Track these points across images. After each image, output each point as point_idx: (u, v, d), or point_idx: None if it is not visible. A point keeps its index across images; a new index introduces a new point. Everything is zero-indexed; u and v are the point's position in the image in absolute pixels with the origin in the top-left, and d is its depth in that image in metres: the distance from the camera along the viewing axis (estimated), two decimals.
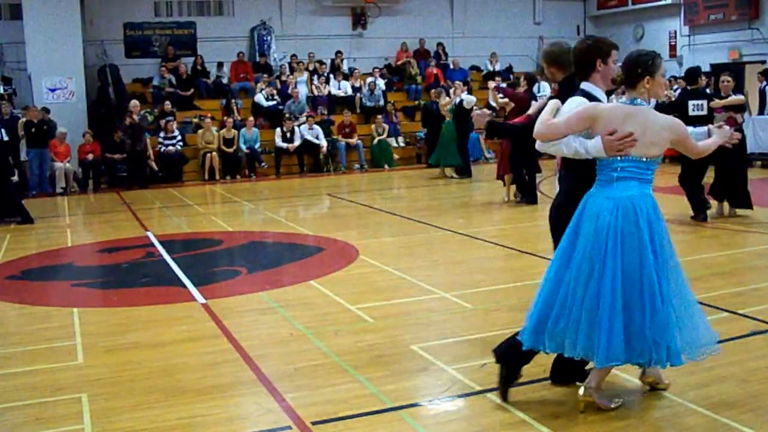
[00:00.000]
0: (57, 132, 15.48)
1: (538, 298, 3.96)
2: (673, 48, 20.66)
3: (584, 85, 4.09)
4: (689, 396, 4.10)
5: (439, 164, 15.59)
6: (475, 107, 12.95)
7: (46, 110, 15.50)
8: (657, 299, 3.73)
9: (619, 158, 3.81)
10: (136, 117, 15.61)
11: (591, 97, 4.01)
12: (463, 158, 15.45)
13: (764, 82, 15.86)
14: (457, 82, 17.32)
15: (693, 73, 10.06)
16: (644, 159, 3.83)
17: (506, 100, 11.69)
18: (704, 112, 9.35)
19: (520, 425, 3.87)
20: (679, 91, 16.73)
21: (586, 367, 4.08)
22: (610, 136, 3.77)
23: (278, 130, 17.24)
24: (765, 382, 4.29)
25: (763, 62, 17.46)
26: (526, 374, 4.50)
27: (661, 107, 10.96)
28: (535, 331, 3.89)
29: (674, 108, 9.37)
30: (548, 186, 12.88)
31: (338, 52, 20.27)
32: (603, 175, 3.89)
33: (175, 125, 16.69)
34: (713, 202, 9.96)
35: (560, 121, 3.89)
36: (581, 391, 3.96)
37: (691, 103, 9.49)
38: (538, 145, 4.04)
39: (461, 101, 15.08)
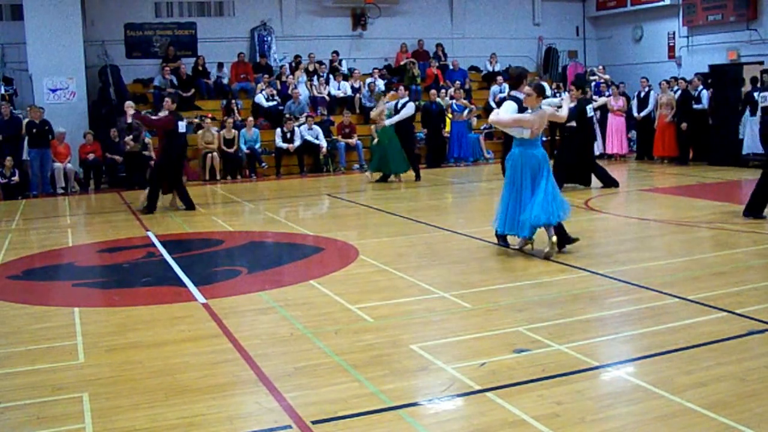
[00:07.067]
0: (56, 132, 15.49)
1: None
2: (671, 49, 20.68)
3: None
4: (687, 395, 4.12)
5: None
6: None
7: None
8: None
9: None
10: (129, 119, 15.58)
11: None
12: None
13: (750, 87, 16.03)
14: None
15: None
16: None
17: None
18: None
19: (520, 425, 3.88)
20: (679, 92, 16.82)
21: None
22: None
23: (278, 130, 17.26)
24: (763, 382, 4.31)
25: (761, 63, 17.47)
26: (526, 374, 4.53)
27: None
28: None
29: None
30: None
31: (334, 53, 20.29)
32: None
33: None
34: None
35: None
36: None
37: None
38: None
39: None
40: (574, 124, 12.67)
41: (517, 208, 7.72)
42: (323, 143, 17.46)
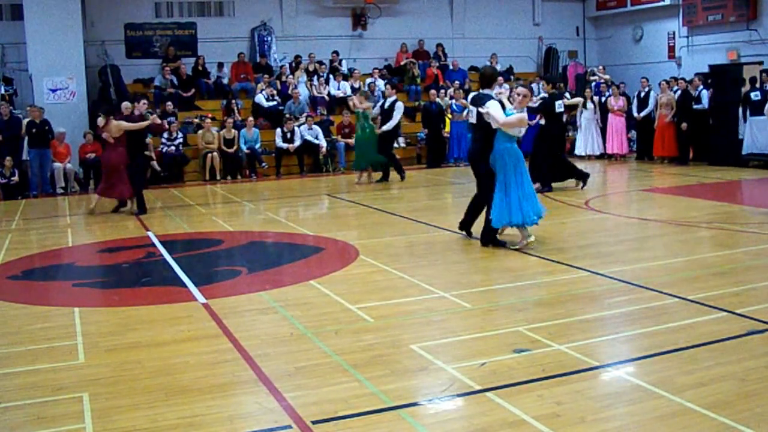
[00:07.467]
0: (56, 132, 15.48)
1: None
2: (671, 49, 20.68)
3: None
4: (687, 395, 4.12)
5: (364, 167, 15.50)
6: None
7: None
8: None
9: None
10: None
11: None
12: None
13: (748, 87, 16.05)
14: None
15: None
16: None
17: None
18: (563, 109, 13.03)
19: (520, 425, 3.88)
20: (679, 92, 16.83)
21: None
22: None
23: (278, 130, 17.26)
24: (763, 382, 4.31)
25: (761, 63, 17.48)
26: (526, 374, 4.53)
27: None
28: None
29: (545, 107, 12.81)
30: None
31: (335, 53, 20.29)
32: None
33: (176, 126, 16.68)
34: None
35: None
36: None
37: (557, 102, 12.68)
38: None
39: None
40: (543, 121, 12.85)
41: (524, 198, 8.09)
42: (323, 143, 17.47)
